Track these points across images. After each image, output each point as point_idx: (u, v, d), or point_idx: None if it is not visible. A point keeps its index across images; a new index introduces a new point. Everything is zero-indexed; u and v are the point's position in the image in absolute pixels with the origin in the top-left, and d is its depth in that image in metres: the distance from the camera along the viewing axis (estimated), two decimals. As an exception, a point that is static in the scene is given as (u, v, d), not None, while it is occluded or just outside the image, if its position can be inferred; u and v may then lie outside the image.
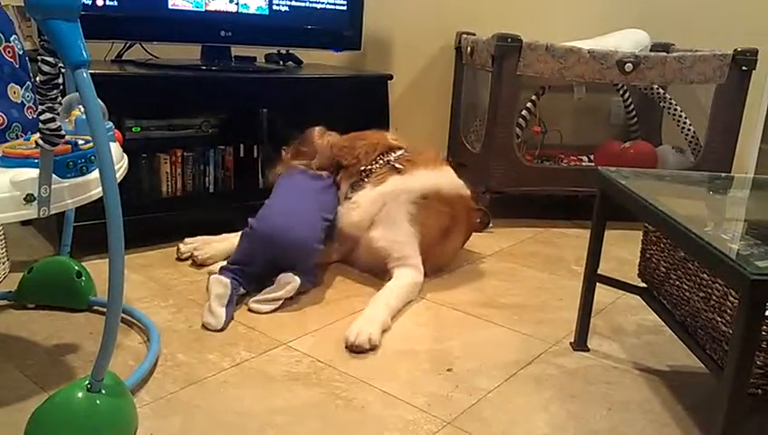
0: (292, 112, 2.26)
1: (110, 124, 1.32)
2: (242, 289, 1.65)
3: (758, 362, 1.06)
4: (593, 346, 1.56)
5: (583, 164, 2.71)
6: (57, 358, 1.38)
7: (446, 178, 1.92)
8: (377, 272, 1.87)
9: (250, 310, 1.63)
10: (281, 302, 1.66)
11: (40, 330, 1.49)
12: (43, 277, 1.56)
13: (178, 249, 1.95)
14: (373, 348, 1.48)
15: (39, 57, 1.06)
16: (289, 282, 1.66)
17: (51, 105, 1.06)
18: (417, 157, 1.95)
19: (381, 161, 1.93)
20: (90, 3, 1.90)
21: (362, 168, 1.93)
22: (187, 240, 1.96)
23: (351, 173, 1.95)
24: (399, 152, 1.96)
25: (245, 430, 1.17)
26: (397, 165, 1.90)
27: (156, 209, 2.03)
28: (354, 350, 1.46)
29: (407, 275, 1.78)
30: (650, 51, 2.67)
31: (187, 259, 1.93)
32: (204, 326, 1.54)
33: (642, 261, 1.52)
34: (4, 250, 1.79)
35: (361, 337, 1.47)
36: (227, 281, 1.60)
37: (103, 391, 1.05)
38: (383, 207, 1.84)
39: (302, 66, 2.55)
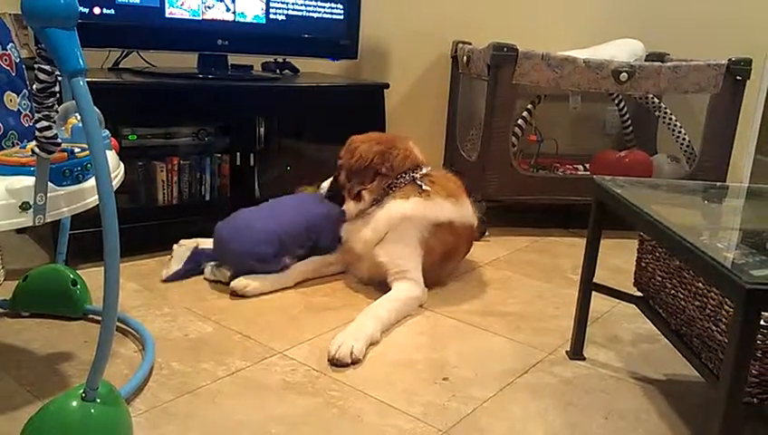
0: (289, 121, 2.26)
1: (107, 132, 1.32)
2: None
3: (753, 371, 1.06)
4: (589, 355, 1.56)
5: (579, 173, 2.72)
6: (52, 367, 1.37)
7: (461, 211, 1.88)
8: (377, 284, 1.85)
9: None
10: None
11: (34, 338, 1.48)
12: (38, 285, 1.56)
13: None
14: (355, 362, 1.46)
15: (36, 65, 1.06)
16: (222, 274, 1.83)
17: (47, 113, 1.06)
18: (439, 179, 1.90)
19: (408, 176, 1.86)
20: (87, 11, 1.90)
21: (390, 181, 1.86)
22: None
23: (380, 185, 1.85)
24: (425, 170, 1.90)
25: (241, 440, 1.17)
26: (424, 186, 1.84)
27: (152, 217, 2.03)
28: (335, 363, 1.44)
29: (404, 289, 1.75)
30: (645, 60, 2.69)
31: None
32: (162, 281, 1.83)
33: (638, 270, 1.52)
34: (-2, 258, 1.79)
35: (343, 350, 1.45)
36: (190, 245, 1.84)
37: (98, 401, 1.05)
38: (398, 227, 1.80)
39: (299, 75, 2.56)
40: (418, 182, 1.85)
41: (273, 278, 1.81)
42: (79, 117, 1.26)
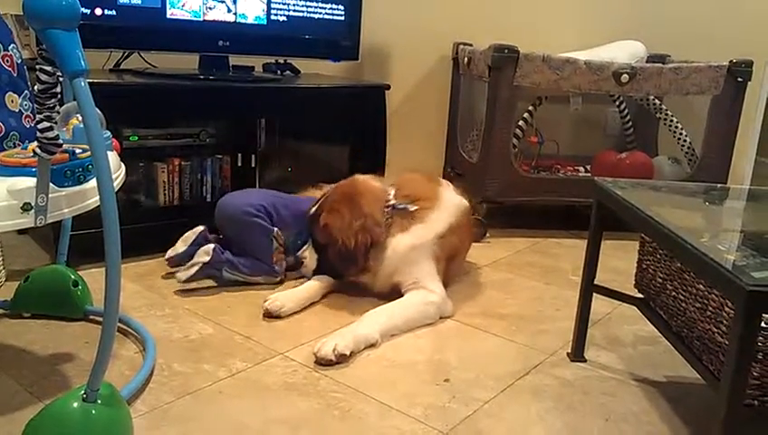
0: (290, 122, 2.26)
1: (108, 133, 1.32)
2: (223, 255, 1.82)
3: (754, 374, 1.06)
4: (590, 357, 1.56)
5: (580, 174, 2.72)
6: (53, 368, 1.37)
7: (452, 203, 1.85)
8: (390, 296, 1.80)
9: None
10: (195, 268, 1.78)
11: (36, 339, 1.48)
12: (39, 286, 1.56)
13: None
14: (340, 360, 1.44)
15: (37, 66, 1.06)
16: (205, 250, 1.80)
17: (48, 114, 1.07)
18: (413, 190, 1.84)
19: (389, 210, 1.79)
20: (88, 12, 1.90)
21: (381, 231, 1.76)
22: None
23: (377, 242, 1.75)
24: (390, 191, 1.82)
25: (241, 441, 1.17)
26: (409, 207, 1.78)
27: (153, 218, 2.03)
28: (320, 362, 1.44)
29: (416, 295, 1.72)
30: (646, 62, 2.69)
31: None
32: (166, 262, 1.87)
33: (639, 271, 1.52)
34: (0, 259, 1.78)
35: (324, 349, 1.44)
36: (199, 229, 1.87)
37: (99, 402, 1.05)
38: (408, 255, 1.76)
39: (300, 76, 2.56)
40: (400, 207, 1.79)
41: (302, 294, 1.74)
42: (80, 118, 1.27)
